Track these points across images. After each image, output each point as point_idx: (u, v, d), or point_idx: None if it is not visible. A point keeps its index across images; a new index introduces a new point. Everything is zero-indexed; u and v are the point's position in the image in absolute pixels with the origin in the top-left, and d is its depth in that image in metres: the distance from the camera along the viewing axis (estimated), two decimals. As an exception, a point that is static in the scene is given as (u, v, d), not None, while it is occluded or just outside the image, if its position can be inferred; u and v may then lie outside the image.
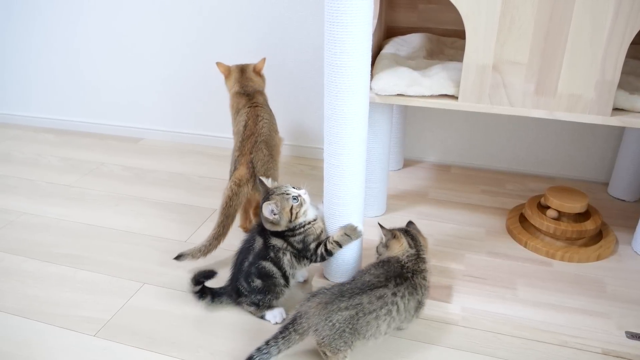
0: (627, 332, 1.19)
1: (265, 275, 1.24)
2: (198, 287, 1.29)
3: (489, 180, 1.86)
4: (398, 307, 1.10)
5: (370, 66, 1.13)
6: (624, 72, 1.37)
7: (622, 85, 1.29)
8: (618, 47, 1.14)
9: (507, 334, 1.22)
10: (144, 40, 2.16)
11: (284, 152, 2.11)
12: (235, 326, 1.27)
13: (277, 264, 1.24)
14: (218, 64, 1.67)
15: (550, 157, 1.87)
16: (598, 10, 1.12)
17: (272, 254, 1.24)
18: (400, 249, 1.19)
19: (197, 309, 1.32)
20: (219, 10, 1.99)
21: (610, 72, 1.17)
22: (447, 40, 1.68)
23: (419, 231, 1.27)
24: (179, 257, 1.43)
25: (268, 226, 1.23)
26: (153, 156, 2.18)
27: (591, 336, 1.18)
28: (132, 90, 2.28)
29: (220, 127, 2.21)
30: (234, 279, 1.29)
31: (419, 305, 1.16)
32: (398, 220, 1.59)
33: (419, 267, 1.17)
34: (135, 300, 1.36)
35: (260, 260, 1.24)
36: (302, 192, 1.23)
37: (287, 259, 1.24)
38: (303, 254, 1.24)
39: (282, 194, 1.22)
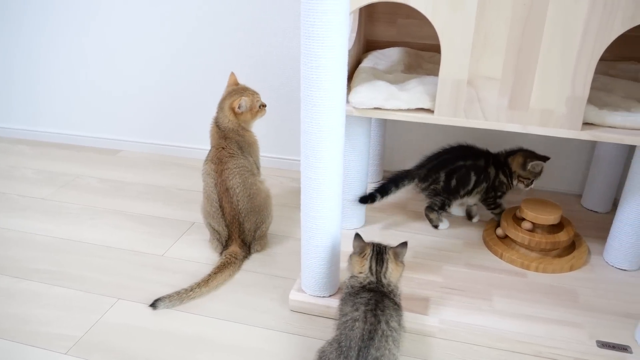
0: (597, 342, 1.21)
1: (462, 182, 1.58)
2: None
3: (466, 192, 1.88)
4: (395, 329, 1.07)
5: (347, 80, 1.14)
6: (594, 88, 1.41)
7: (592, 100, 1.32)
8: (587, 63, 1.17)
9: (484, 345, 1.24)
10: (122, 50, 2.15)
11: (265, 165, 2.11)
12: (213, 342, 1.26)
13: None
14: (232, 74, 1.62)
15: (526, 170, 1.90)
16: (568, 28, 1.15)
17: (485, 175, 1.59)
18: (359, 269, 1.14)
19: (174, 323, 1.31)
20: (200, 21, 2.00)
21: (580, 88, 1.20)
22: (425, 55, 1.71)
23: (397, 255, 1.15)
24: (155, 304, 1.37)
25: (521, 171, 1.57)
26: (132, 168, 2.16)
27: (565, 346, 1.20)
28: (110, 101, 2.26)
29: (201, 139, 2.20)
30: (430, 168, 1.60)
31: (400, 317, 1.15)
32: (376, 232, 1.61)
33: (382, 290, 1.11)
34: (109, 316, 1.34)
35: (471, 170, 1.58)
36: None
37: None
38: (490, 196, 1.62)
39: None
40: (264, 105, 1.58)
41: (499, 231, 1.56)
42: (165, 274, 1.50)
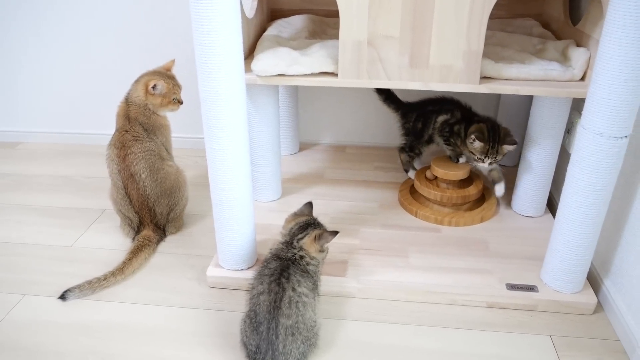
0: (507, 284, 1.27)
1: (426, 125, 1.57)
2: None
3: (382, 157, 1.91)
4: (305, 294, 1.07)
5: (242, 45, 1.11)
6: (491, 44, 1.46)
7: (489, 55, 1.36)
8: (479, 18, 1.20)
9: (402, 300, 1.27)
10: (16, 35, 1.99)
11: (177, 146, 2.03)
12: (129, 328, 1.21)
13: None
14: (172, 61, 1.57)
15: (437, 131, 1.96)
16: (458, -17, 1.17)
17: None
18: (285, 225, 1.18)
19: (86, 313, 1.24)
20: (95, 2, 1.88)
21: (474, 42, 1.23)
22: (329, 21, 1.70)
23: (319, 237, 1.14)
24: (64, 296, 1.30)
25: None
26: (33, 161, 2.02)
27: (477, 292, 1.25)
28: (4, 91, 2.10)
29: (108, 125, 2.09)
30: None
31: (315, 285, 1.16)
32: (294, 203, 1.60)
33: (293, 256, 1.12)
34: (15, 314, 1.26)
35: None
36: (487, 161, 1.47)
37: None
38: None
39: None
40: (180, 102, 1.52)
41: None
42: (76, 264, 1.42)
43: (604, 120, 1.03)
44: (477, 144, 1.44)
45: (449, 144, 1.55)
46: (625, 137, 1.05)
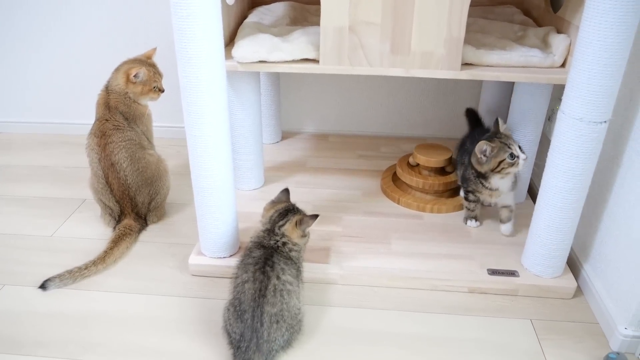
0: (488, 270, 1.28)
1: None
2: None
3: (365, 145, 1.91)
4: (289, 281, 1.07)
5: (222, 30, 1.09)
6: (473, 30, 1.46)
7: (471, 41, 1.36)
8: (460, 5, 1.20)
9: (384, 285, 1.27)
10: (-13, 23, 1.95)
11: (159, 135, 2.01)
12: (110, 316, 1.20)
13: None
14: (154, 49, 1.54)
15: (420, 119, 1.96)
16: (439, -31, 1.17)
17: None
18: (265, 214, 1.17)
19: (67, 303, 1.23)
20: (71, -13, 1.85)
21: (456, 28, 1.22)
22: (311, 8, 1.68)
23: (300, 222, 1.13)
24: (44, 285, 1.28)
25: (474, 160, 1.33)
26: (11, 151, 1.99)
27: (458, 277, 1.26)
28: (-20, 80, 2.06)
29: (88, 114, 2.06)
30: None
31: (298, 272, 1.16)
32: (277, 191, 1.59)
33: (276, 243, 1.11)
34: (-7, 304, 1.24)
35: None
36: (522, 156, 1.28)
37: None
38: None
39: (505, 144, 1.28)
40: (161, 90, 1.50)
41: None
42: (56, 254, 1.40)
43: (584, 106, 1.04)
44: (489, 149, 1.29)
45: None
46: (605, 122, 1.06)
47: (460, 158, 1.48)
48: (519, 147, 1.30)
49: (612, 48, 0.98)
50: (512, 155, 1.28)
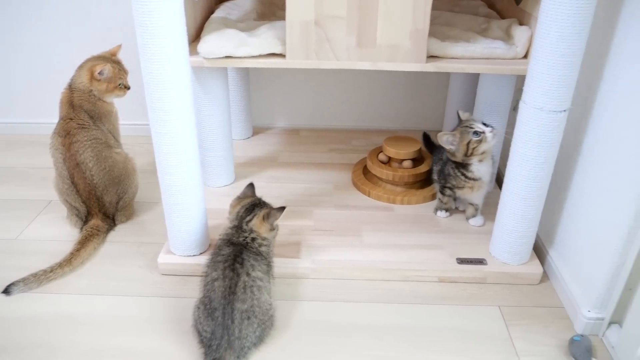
0: (457, 259, 1.30)
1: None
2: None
3: (336, 138, 1.92)
4: (259, 277, 1.07)
5: (186, 26, 1.08)
6: (438, 23, 1.47)
7: (436, 34, 1.38)
8: (424, -3, 1.21)
9: (356, 278, 1.28)
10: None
11: (126, 133, 1.98)
12: (78, 319, 1.18)
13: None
14: (119, 46, 1.50)
15: (390, 112, 1.98)
16: (402, -39, 1.17)
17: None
18: (231, 210, 1.16)
19: (33, 307, 1.20)
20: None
21: (420, 21, 1.23)
22: (278, 2, 1.67)
23: (268, 215, 1.12)
24: (8, 290, 1.25)
25: (449, 155, 1.36)
26: (-27, 153, 1.94)
27: (428, 267, 1.28)
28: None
29: (51, 113, 2.02)
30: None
31: (269, 267, 1.16)
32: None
33: (245, 239, 1.10)
34: (-45, 311, 1.21)
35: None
36: (487, 129, 1.30)
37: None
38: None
39: (466, 127, 1.31)
40: (127, 87, 1.47)
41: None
42: (21, 257, 1.37)
43: (544, 95, 1.07)
44: (450, 138, 1.33)
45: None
46: (564, 111, 1.08)
47: (437, 154, 1.50)
48: (483, 123, 1.33)
49: (569, 38, 1.00)
50: (476, 133, 1.30)
